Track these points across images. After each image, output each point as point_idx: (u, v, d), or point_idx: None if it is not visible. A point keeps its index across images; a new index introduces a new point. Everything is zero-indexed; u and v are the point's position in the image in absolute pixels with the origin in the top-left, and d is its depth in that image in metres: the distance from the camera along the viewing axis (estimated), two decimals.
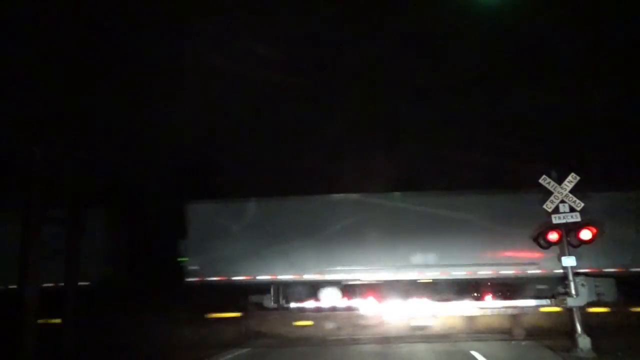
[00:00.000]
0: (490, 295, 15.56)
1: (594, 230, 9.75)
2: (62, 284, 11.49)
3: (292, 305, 15.60)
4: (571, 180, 9.95)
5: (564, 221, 9.90)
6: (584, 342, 9.29)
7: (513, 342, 11.61)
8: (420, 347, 11.11)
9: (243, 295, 15.39)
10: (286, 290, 15.39)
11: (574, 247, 10.00)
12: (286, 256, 14.63)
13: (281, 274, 14.74)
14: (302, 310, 15.27)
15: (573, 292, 9.67)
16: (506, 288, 15.39)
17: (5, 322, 9.29)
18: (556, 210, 9.95)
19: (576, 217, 9.83)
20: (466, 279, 14.69)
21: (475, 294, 15.62)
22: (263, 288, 15.27)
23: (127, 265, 15.49)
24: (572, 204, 9.86)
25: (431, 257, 14.41)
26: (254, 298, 15.50)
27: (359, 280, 14.96)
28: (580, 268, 10.45)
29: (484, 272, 14.48)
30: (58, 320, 11.51)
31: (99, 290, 13.97)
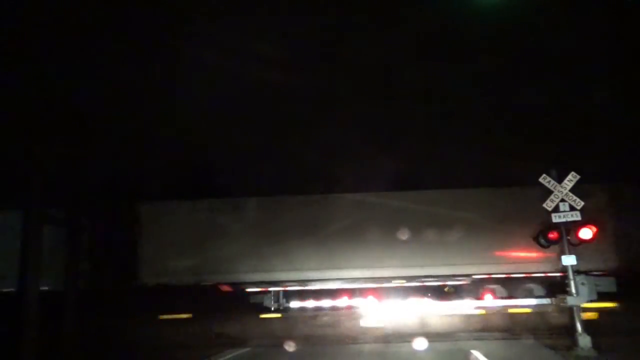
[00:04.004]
0: (491, 294, 15.57)
1: (595, 229, 9.77)
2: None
3: (292, 305, 15.62)
4: (571, 179, 9.96)
5: (564, 220, 9.90)
6: (584, 341, 9.29)
7: (513, 341, 11.62)
8: (421, 346, 11.11)
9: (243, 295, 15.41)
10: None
11: (574, 246, 10.01)
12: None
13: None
14: (302, 309, 15.30)
15: (573, 291, 9.68)
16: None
17: (6, 322, 9.30)
18: (556, 209, 9.96)
19: (576, 216, 9.84)
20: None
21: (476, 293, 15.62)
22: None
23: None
24: (572, 203, 9.87)
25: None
26: (253, 298, 15.50)
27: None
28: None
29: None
30: None
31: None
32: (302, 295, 15.36)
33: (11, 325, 9.17)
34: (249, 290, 15.28)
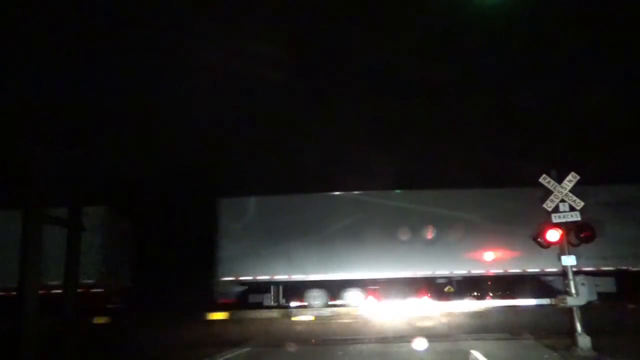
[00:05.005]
0: (491, 293, 15.58)
1: (594, 229, 9.77)
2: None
3: (292, 304, 15.62)
4: (571, 179, 9.95)
5: (563, 220, 9.90)
6: (584, 341, 9.29)
7: (513, 341, 11.60)
8: (421, 346, 11.09)
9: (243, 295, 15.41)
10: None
11: (574, 246, 10.00)
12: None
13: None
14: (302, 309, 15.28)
15: (573, 291, 9.68)
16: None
17: (6, 322, 9.27)
18: (556, 209, 9.95)
19: (576, 217, 9.84)
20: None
21: (476, 293, 15.64)
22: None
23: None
24: (572, 203, 9.86)
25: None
26: (253, 297, 15.50)
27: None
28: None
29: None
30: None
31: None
32: (302, 295, 15.35)
33: (11, 325, 9.15)
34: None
